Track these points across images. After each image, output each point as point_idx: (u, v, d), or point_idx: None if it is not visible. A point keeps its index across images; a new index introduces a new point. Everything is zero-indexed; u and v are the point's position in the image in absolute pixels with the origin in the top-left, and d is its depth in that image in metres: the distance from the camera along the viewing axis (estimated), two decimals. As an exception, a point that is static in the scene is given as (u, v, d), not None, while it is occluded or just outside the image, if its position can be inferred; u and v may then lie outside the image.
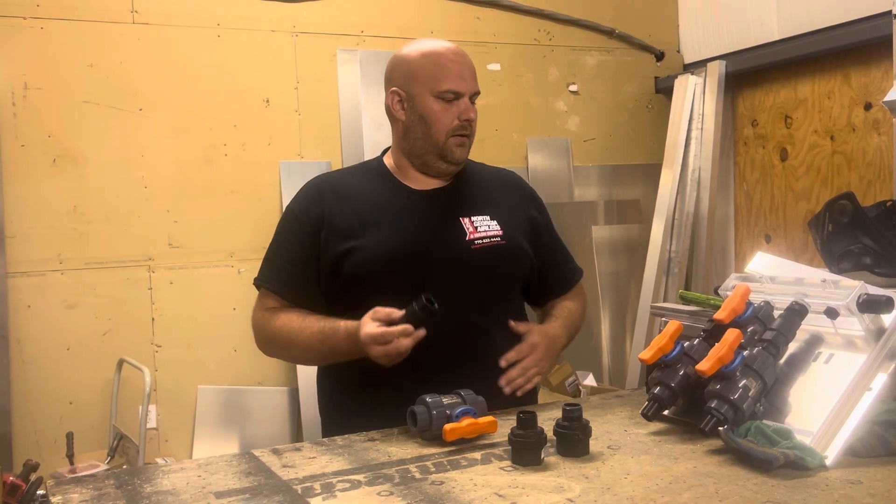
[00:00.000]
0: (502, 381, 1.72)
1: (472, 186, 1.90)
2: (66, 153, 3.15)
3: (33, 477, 2.52)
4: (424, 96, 1.79)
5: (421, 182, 1.85)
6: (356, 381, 1.77)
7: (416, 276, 1.73)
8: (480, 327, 1.77)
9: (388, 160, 1.90)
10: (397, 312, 1.58)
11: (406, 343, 1.57)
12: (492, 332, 1.79)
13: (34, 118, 3.10)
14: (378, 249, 1.74)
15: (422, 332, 1.58)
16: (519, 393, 1.74)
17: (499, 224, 1.83)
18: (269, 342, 1.84)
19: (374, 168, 1.91)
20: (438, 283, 1.73)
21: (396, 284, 1.72)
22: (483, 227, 1.81)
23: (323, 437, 1.65)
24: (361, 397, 1.77)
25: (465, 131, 1.80)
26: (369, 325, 1.59)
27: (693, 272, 3.87)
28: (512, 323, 1.80)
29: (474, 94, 1.82)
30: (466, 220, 1.81)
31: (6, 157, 3.05)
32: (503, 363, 1.74)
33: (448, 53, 1.80)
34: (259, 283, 1.86)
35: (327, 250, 1.76)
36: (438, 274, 1.75)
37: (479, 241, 1.79)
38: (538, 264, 1.91)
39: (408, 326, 1.57)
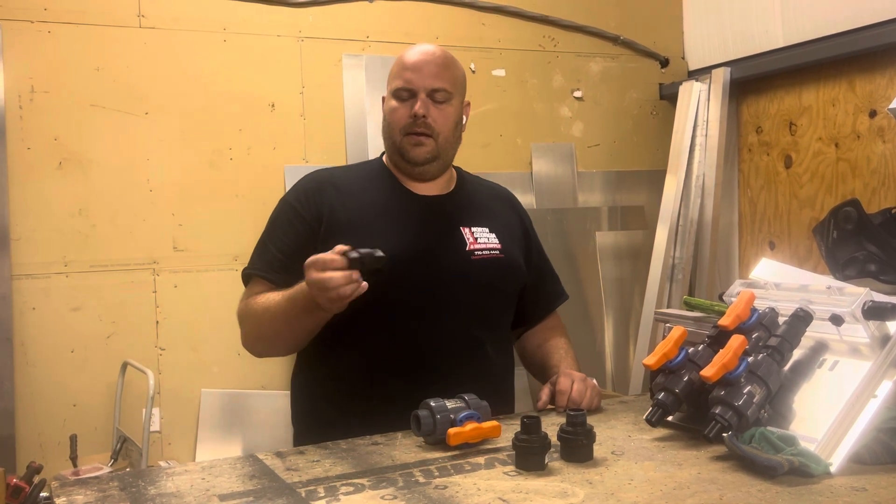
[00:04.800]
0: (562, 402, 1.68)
1: (471, 197, 1.89)
2: (71, 156, 3.15)
3: (37, 479, 2.53)
4: (388, 96, 1.80)
5: (421, 186, 1.83)
6: (342, 388, 1.74)
7: (416, 284, 1.71)
8: (476, 338, 1.76)
9: (388, 161, 1.88)
10: (344, 247, 1.49)
11: (337, 278, 1.46)
12: (486, 345, 1.77)
13: (40, 121, 3.11)
14: None
15: (364, 286, 1.48)
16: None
17: (497, 238, 1.82)
18: (247, 321, 1.73)
19: (375, 168, 1.88)
20: (438, 292, 1.72)
21: (396, 291, 1.69)
22: (483, 238, 1.80)
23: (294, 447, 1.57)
24: (346, 404, 1.72)
25: (418, 129, 1.73)
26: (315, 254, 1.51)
27: (697, 278, 3.86)
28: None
29: (434, 91, 1.73)
30: (466, 230, 1.80)
31: (12, 159, 3.06)
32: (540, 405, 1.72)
33: (414, 53, 1.76)
34: (247, 271, 1.80)
35: (326, 248, 1.70)
36: (438, 283, 1.73)
37: (479, 253, 1.78)
38: (527, 283, 1.89)
39: (353, 273, 1.47)
